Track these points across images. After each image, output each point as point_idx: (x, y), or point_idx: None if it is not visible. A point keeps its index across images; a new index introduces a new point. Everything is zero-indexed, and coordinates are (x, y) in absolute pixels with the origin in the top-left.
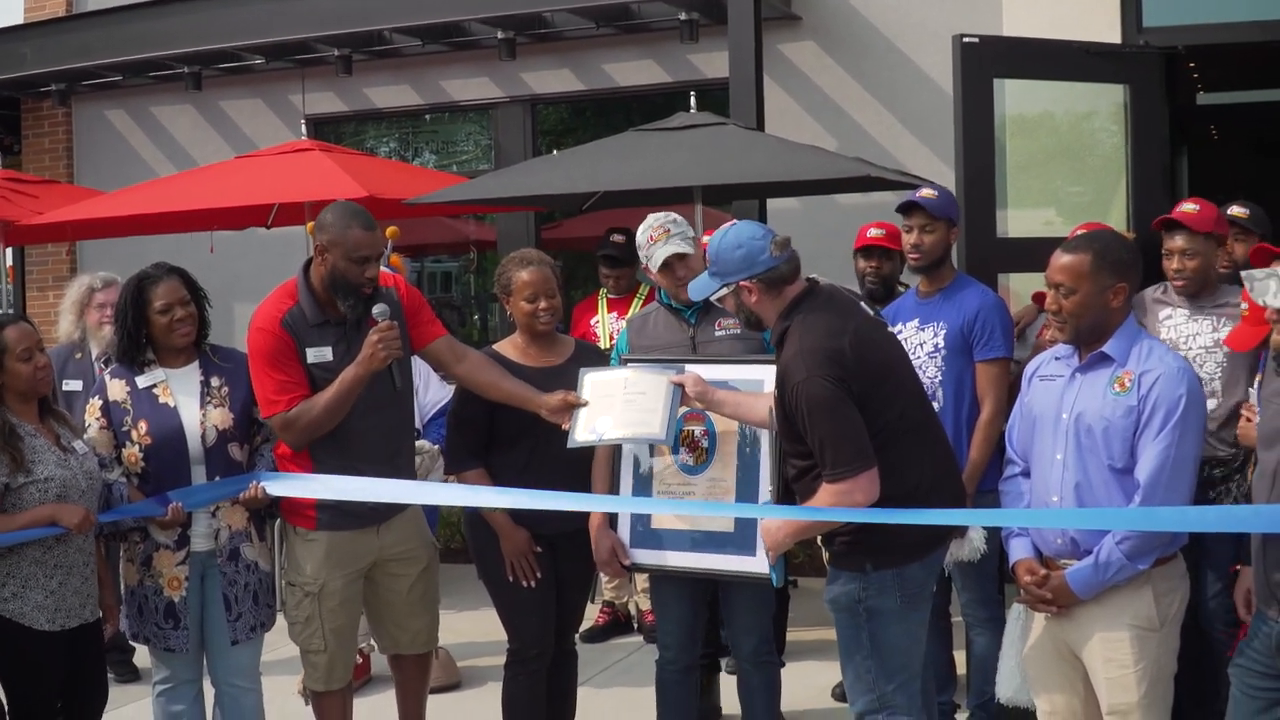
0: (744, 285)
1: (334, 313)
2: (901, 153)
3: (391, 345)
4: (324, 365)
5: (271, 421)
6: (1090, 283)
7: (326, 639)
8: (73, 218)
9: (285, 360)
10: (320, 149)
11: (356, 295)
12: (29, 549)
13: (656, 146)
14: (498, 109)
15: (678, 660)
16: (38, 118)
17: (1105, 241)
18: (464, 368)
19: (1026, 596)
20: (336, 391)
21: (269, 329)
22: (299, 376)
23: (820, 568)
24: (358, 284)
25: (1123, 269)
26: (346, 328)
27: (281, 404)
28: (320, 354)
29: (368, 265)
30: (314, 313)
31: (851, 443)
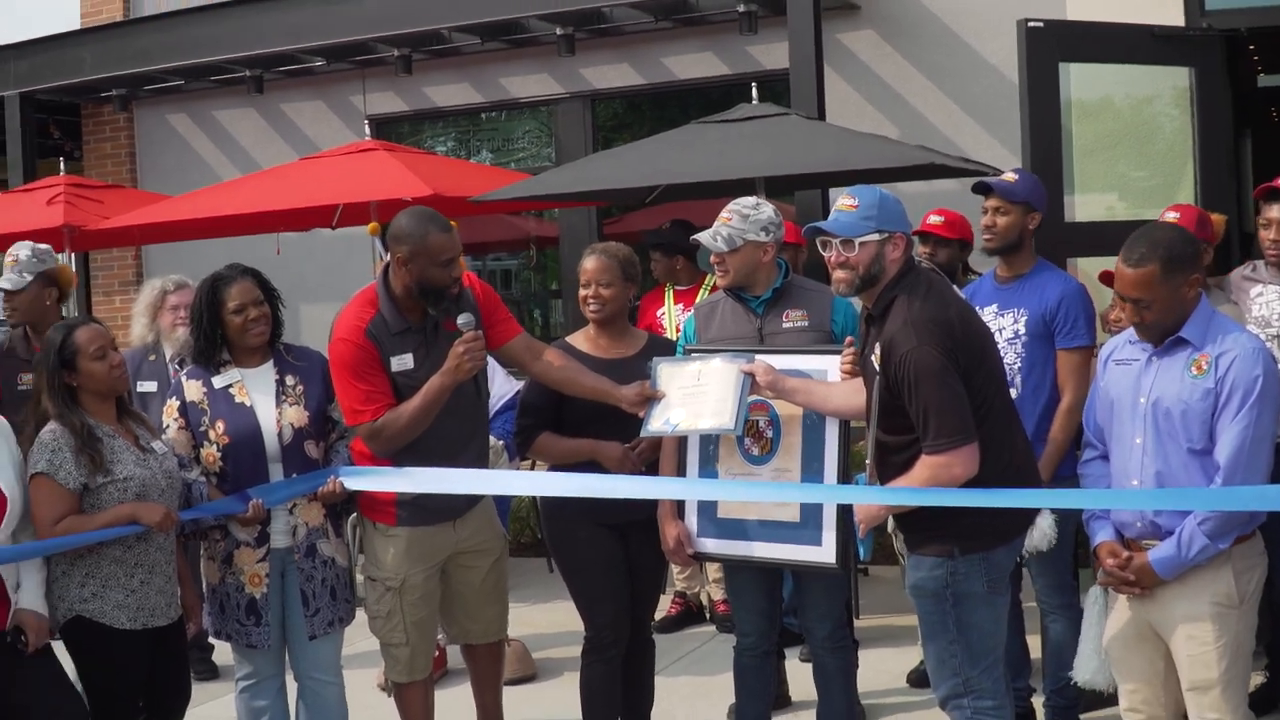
0: (897, 239)
1: (415, 319)
2: (963, 139)
3: (477, 356)
4: (406, 373)
5: (359, 430)
6: (1163, 288)
7: (408, 632)
8: (138, 222)
9: (370, 370)
10: (384, 149)
11: (446, 298)
12: (109, 548)
13: (718, 138)
14: (557, 105)
15: (757, 646)
16: (98, 123)
17: (1166, 244)
18: (541, 365)
19: (1109, 578)
20: (422, 401)
21: (353, 339)
22: (384, 386)
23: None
24: (445, 286)
25: (1190, 263)
26: (426, 334)
27: (368, 414)
28: (403, 362)
29: (452, 267)
30: (395, 320)
31: (956, 414)
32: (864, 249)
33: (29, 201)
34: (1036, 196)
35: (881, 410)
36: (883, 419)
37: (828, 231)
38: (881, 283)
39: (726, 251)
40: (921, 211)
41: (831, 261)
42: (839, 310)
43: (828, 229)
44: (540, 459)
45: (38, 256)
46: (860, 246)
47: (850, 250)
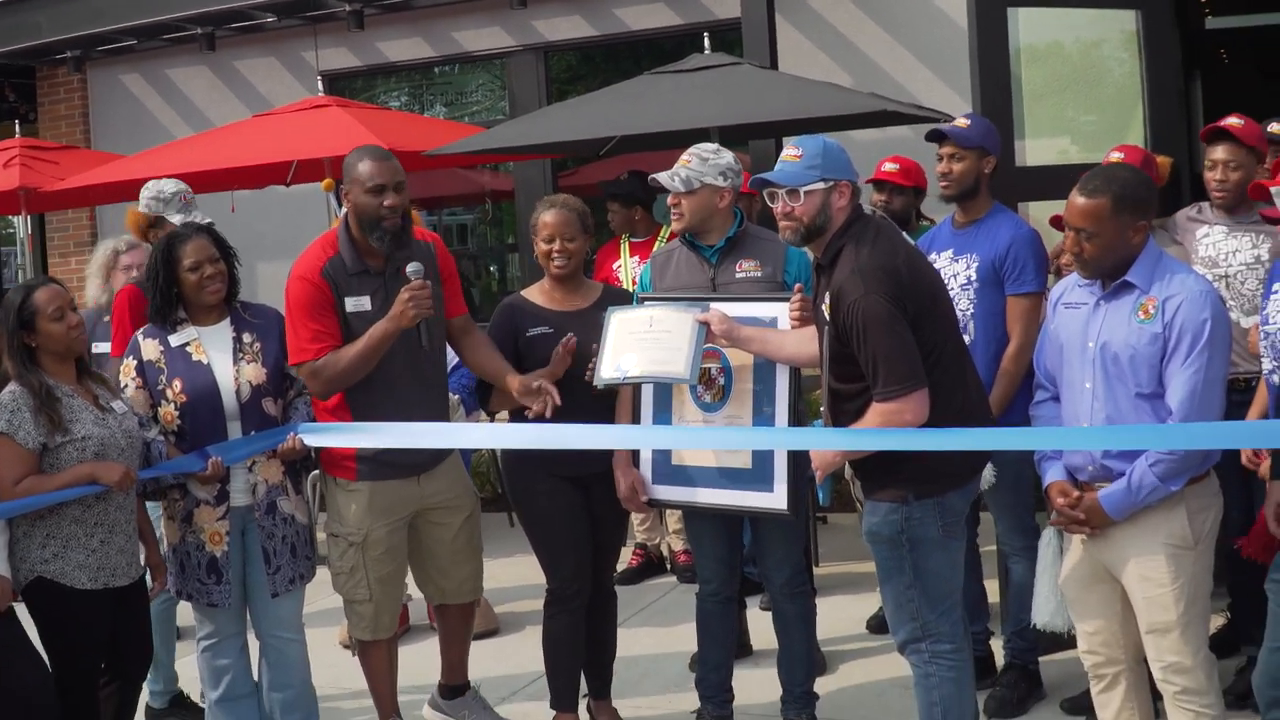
0: (843, 187)
1: (373, 262)
2: (915, 86)
3: (422, 304)
4: (361, 315)
5: (300, 369)
6: (1110, 224)
7: (372, 588)
8: (93, 182)
9: (321, 310)
10: (337, 104)
11: (380, 228)
12: (69, 508)
13: (671, 89)
14: (510, 58)
15: (718, 592)
16: (53, 85)
17: (1123, 181)
18: (464, 344)
19: (1060, 518)
20: (365, 345)
21: (309, 278)
22: (333, 327)
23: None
24: (377, 215)
25: (1142, 207)
26: (385, 278)
27: (310, 353)
28: (359, 303)
29: (384, 194)
30: (354, 262)
31: (905, 361)
32: (809, 198)
33: None
34: (990, 141)
35: (832, 358)
36: (834, 367)
37: (773, 182)
38: (829, 232)
39: (684, 193)
40: (875, 159)
41: (778, 211)
42: (793, 261)
43: (773, 179)
44: (502, 408)
45: None
46: (805, 196)
47: (796, 200)
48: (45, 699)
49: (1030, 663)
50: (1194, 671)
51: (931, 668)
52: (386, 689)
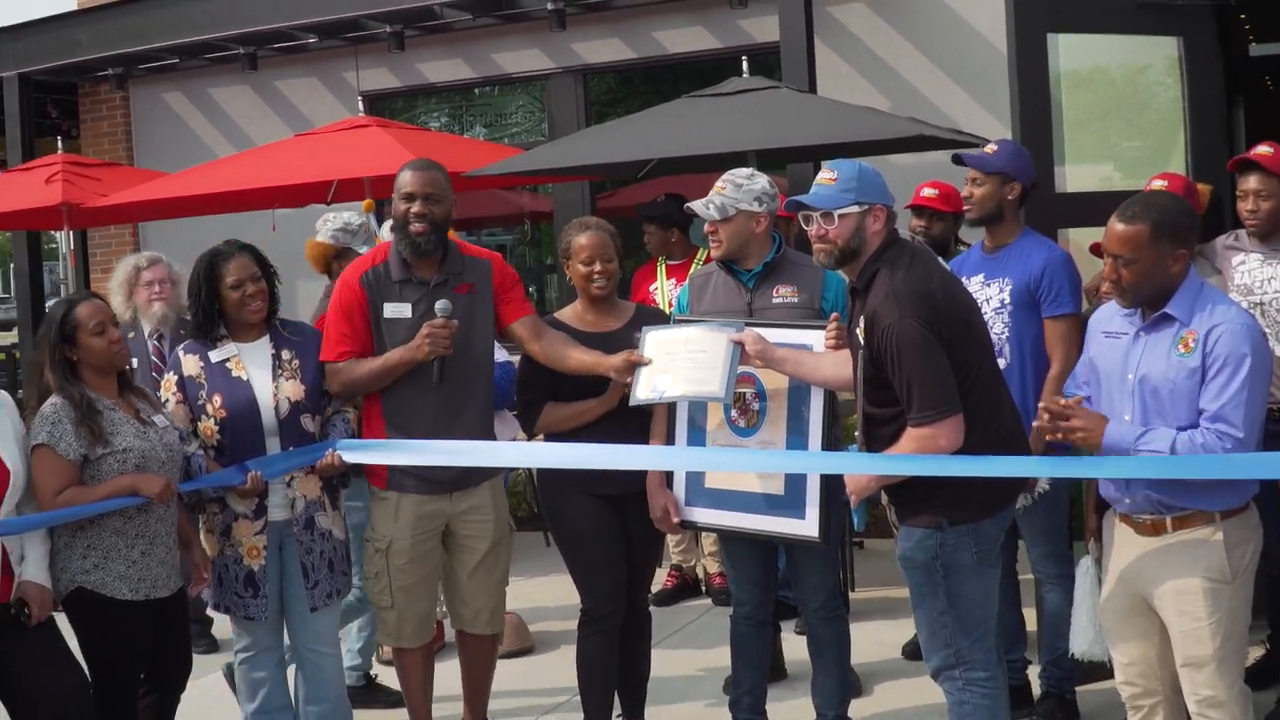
0: (877, 211)
1: (422, 273)
2: (955, 111)
3: (439, 342)
4: (399, 322)
5: (326, 366)
6: (1149, 252)
7: (394, 596)
8: (136, 199)
9: (352, 314)
10: (378, 124)
11: (405, 234)
12: (110, 520)
13: (710, 112)
14: (550, 80)
15: (753, 615)
16: (95, 102)
17: (1162, 208)
18: (540, 344)
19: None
20: (380, 365)
21: (349, 283)
22: (362, 332)
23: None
24: (404, 221)
25: (1181, 235)
26: (430, 289)
27: (333, 353)
28: (398, 310)
29: (412, 202)
30: (399, 271)
31: (939, 386)
32: (844, 222)
33: (28, 180)
34: (1015, 166)
35: (867, 383)
36: (869, 391)
37: (808, 205)
38: (864, 256)
39: (719, 220)
40: (914, 184)
41: (812, 234)
42: (830, 286)
43: (807, 202)
44: (547, 429)
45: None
46: (840, 219)
47: (830, 223)
48: (84, 709)
49: (1067, 692)
50: (1228, 705)
51: (965, 695)
52: (419, 701)
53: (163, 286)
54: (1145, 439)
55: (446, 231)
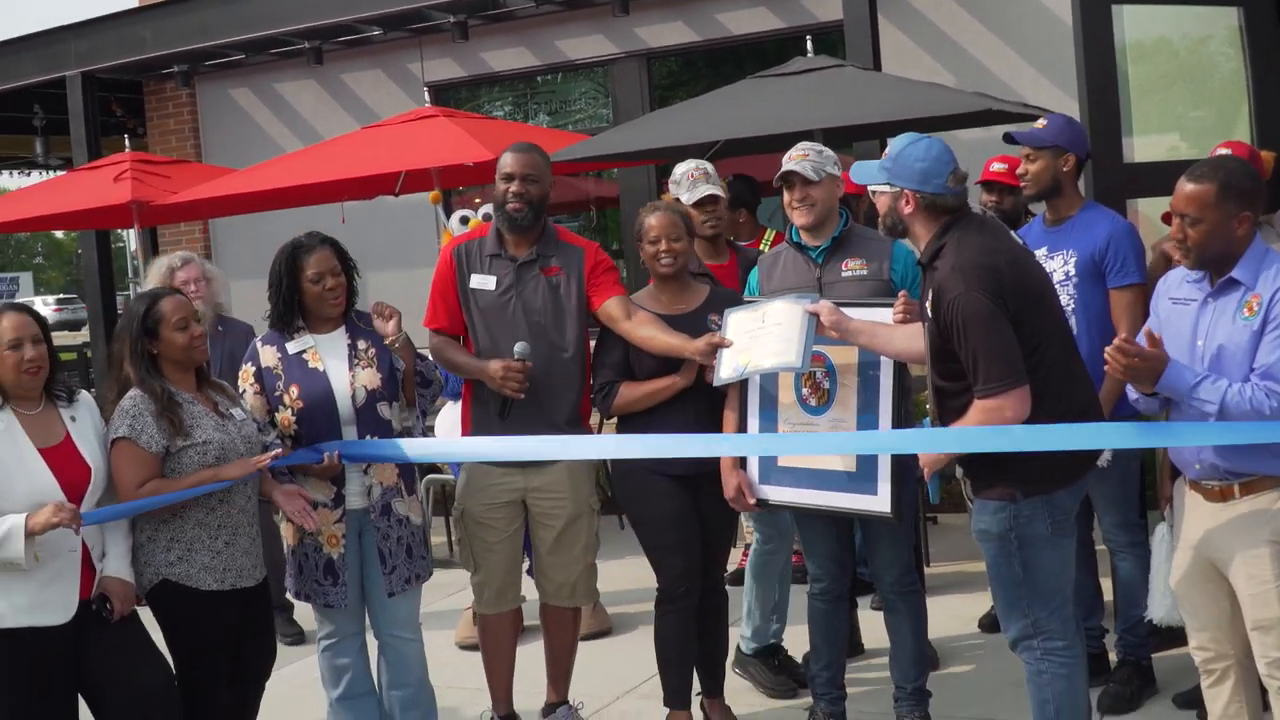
0: (907, 193)
1: (515, 250)
2: (1021, 85)
3: (510, 384)
4: (484, 293)
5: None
6: (1215, 212)
7: (476, 560)
8: (205, 196)
9: (442, 284)
10: (444, 115)
11: (503, 212)
12: (192, 512)
13: (775, 92)
14: (614, 65)
15: (830, 590)
16: (161, 99)
17: (1229, 170)
18: (629, 324)
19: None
20: (465, 363)
21: (444, 254)
22: (449, 301)
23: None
24: (502, 200)
25: (1247, 197)
26: (520, 266)
27: (428, 319)
28: (484, 281)
29: (511, 182)
30: (493, 246)
31: (1005, 358)
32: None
33: (96, 178)
34: (1067, 138)
35: (935, 355)
36: (937, 364)
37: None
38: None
39: (814, 181)
40: (981, 158)
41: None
42: (898, 259)
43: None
44: (624, 410)
45: None
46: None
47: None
48: (170, 700)
49: (1143, 658)
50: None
51: (1043, 665)
52: (498, 675)
53: (197, 285)
54: (1200, 387)
55: (543, 211)
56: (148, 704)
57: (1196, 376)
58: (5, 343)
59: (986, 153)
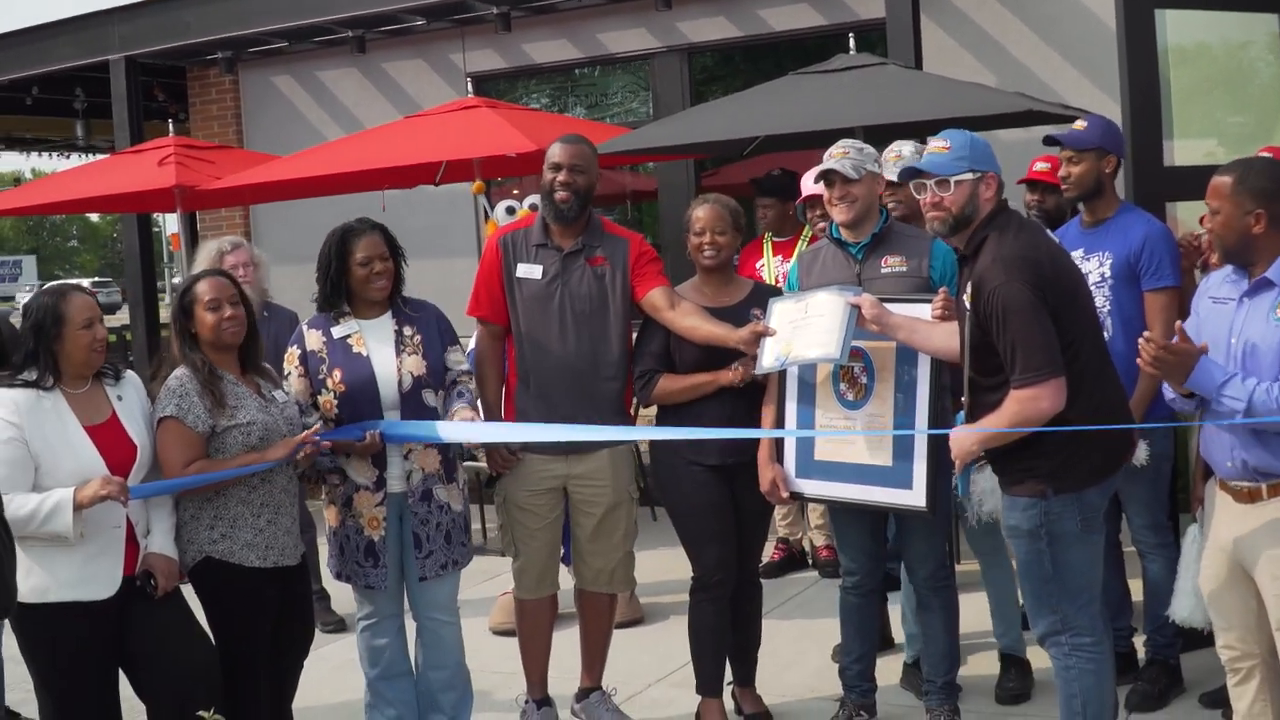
0: (990, 178)
1: (559, 240)
2: (1062, 86)
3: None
4: (530, 282)
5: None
6: (1230, 203)
7: (517, 545)
8: (248, 182)
9: (487, 273)
10: (487, 105)
11: (550, 201)
12: (235, 490)
13: (817, 89)
14: (654, 59)
15: (862, 584)
16: (204, 85)
17: (1252, 166)
18: (673, 314)
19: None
20: (481, 389)
21: (490, 243)
22: (492, 290)
23: None
24: (549, 189)
25: (1260, 196)
26: (566, 257)
27: (471, 307)
28: (530, 270)
29: (559, 172)
30: (539, 235)
31: (1044, 349)
32: (959, 189)
33: (141, 162)
34: (1109, 140)
35: (973, 349)
36: (974, 358)
37: (924, 172)
38: (974, 222)
39: (855, 179)
40: (1022, 159)
41: (926, 203)
42: (937, 256)
43: (924, 168)
44: (663, 400)
45: None
46: (955, 186)
47: (945, 190)
48: (211, 677)
49: (1171, 658)
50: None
51: (1071, 660)
52: (534, 659)
53: (245, 270)
54: (1229, 385)
55: (589, 202)
56: (189, 680)
57: (1226, 374)
58: (79, 322)
59: (1026, 153)
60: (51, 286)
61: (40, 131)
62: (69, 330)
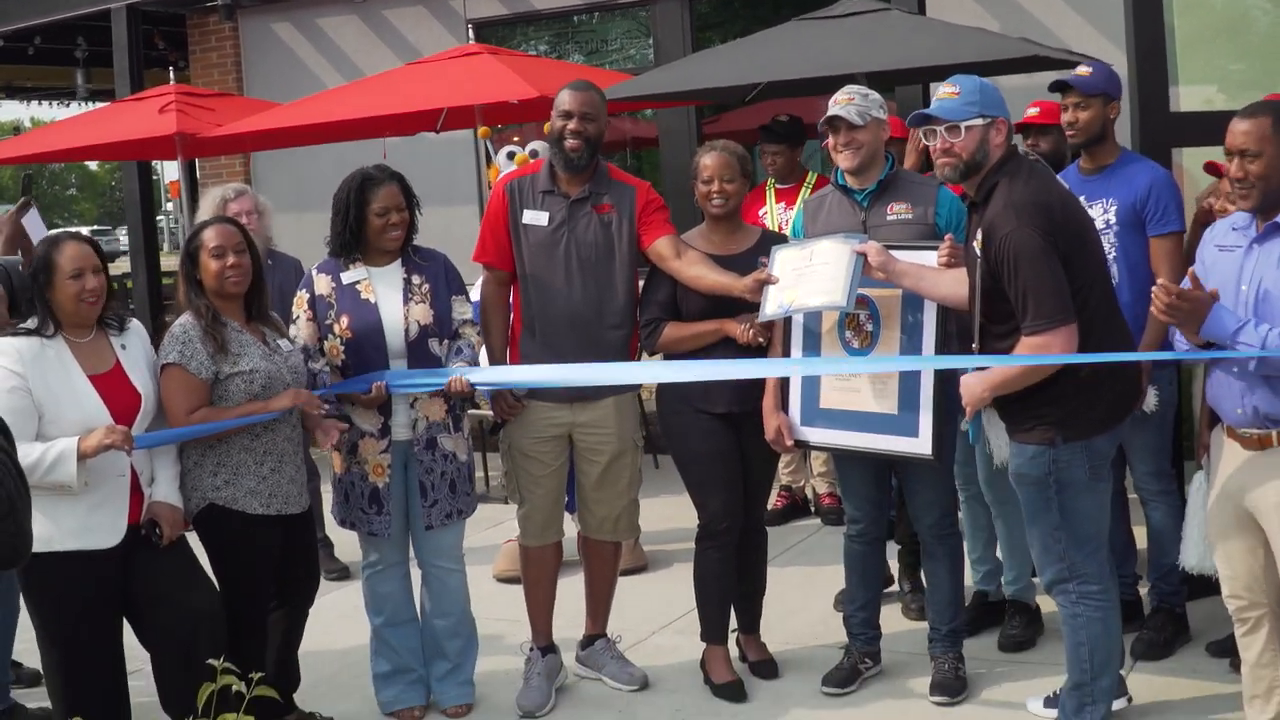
0: (1000, 124)
1: (566, 187)
2: (1065, 32)
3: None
4: (535, 229)
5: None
6: (1273, 145)
7: (521, 493)
8: (249, 129)
9: (494, 219)
10: (489, 52)
11: (560, 148)
12: (238, 438)
13: (819, 34)
14: (655, 5)
15: (867, 532)
16: (204, 33)
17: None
18: (677, 263)
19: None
20: (487, 335)
21: (496, 189)
22: (498, 236)
23: None
24: (559, 136)
25: None
26: (572, 203)
27: (477, 253)
28: (536, 217)
29: (569, 120)
30: (546, 182)
31: (1054, 295)
32: (969, 134)
33: (141, 110)
34: (1113, 86)
35: (984, 296)
36: (984, 304)
37: (934, 117)
38: (985, 168)
39: (859, 125)
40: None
41: (936, 149)
42: (943, 203)
43: (934, 114)
44: (667, 349)
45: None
46: (966, 131)
47: (956, 136)
48: (217, 623)
49: (1177, 606)
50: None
51: (1079, 608)
52: (539, 606)
53: (249, 218)
54: (1243, 331)
55: (599, 150)
56: (194, 626)
57: (1239, 322)
58: (67, 272)
59: (1029, 99)
60: (50, 235)
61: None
62: (58, 279)
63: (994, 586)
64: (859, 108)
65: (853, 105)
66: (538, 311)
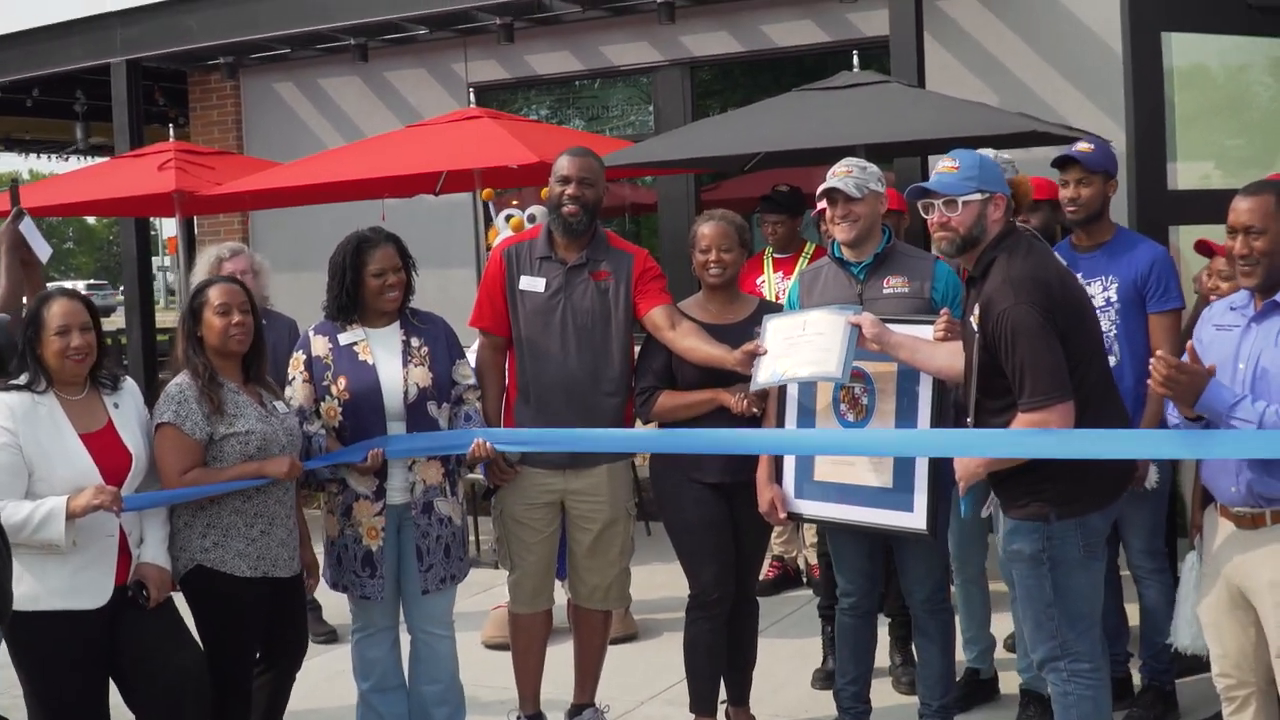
0: (998, 199)
1: (564, 254)
2: (1065, 108)
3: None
4: (532, 295)
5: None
6: (1277, 222)
7: (511, 559)
8: (248, 188)
9: (490, 284)
10: (489, 116)
11: (558, 214)
12: (229, 500)
13: (819, 106)
14: (657, 72)
15: (859, 606)
16: (205, 90)
17: None
18: (674, 333)
19: (1157, 371)
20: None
21: (494, 254)
22: (495, 302)
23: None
24: (557, 202)
25: None
26: (569, 270)
27: (473, 318)
28: (533, 283)
29: (567, 185)
30: (544, 248)
31: (1051, 372)
32: (967, 209)
33: (141, 166)
34: (1112, 164)
35: (980, 371)
36: (981, 380)
37: (932, 191)
38: (982, 244)
39: (857, 198)
40: None
41: (934, 223)
42: (940, 278)
43: (932, 189)
44: (662, 418)
45: None
46: (963, 206)
47: (953, 210)
48: (202, 685)
49: (1167, 684)
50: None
51: (1070, 686)
52: (527, 674)
53: (245, 277)
54: (1239, 407)
55: (596, 216)
56: (179, 688)
57: (1236, 397)
58: (53, 329)
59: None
60: (43, 291)
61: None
62: (45, 335)
63: (986, 665)
64: (857, 180)
65: (850, 178)
66: (533, 378)
